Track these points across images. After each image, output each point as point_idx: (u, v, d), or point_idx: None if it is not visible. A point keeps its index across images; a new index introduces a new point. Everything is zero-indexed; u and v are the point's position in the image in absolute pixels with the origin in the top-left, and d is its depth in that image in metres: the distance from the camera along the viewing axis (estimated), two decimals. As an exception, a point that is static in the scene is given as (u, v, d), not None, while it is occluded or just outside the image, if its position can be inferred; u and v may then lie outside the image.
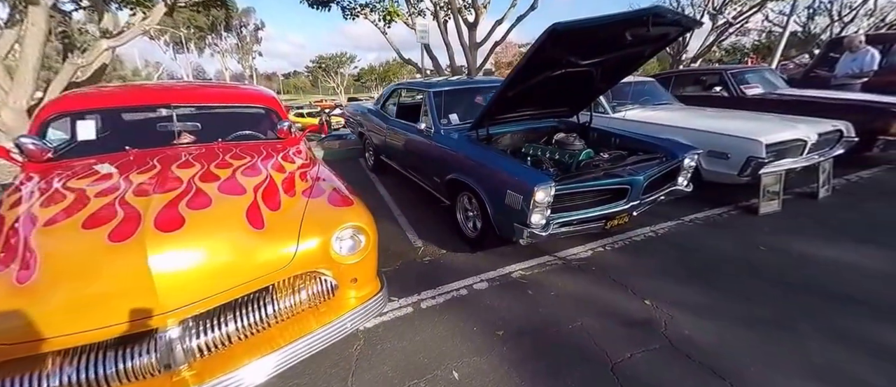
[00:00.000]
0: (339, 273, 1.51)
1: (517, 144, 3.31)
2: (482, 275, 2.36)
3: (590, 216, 2.31)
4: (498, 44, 10.13)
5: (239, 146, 2.10)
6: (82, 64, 7.52)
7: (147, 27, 8.12)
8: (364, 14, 9.95)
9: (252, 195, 1.46)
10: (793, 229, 2.90)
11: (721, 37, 14.18)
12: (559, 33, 1.96)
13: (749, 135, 3.14)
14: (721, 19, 13.70)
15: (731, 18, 13.43)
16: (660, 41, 2.58)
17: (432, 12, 10.39)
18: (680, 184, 2.80)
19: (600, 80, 3.02)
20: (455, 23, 9.52)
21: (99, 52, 7.63)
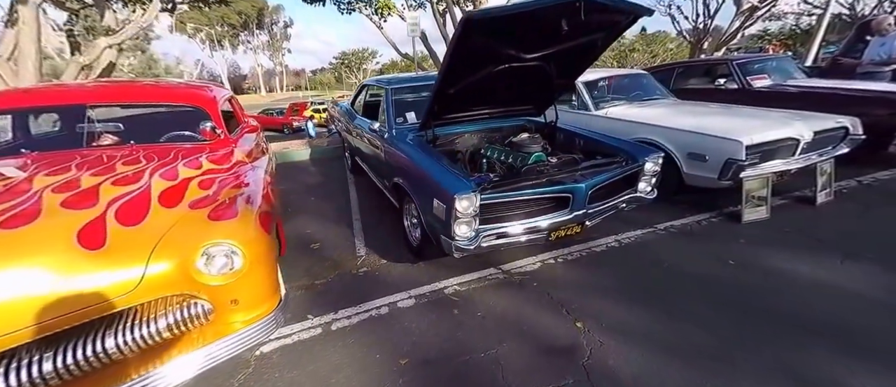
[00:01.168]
0: (215, 295, 1.42)
1: (477, 146, 3.17)
2: (413, 290, 2.24)
3: (527, 228, 2.15)
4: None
5: (150, 149, 2.06)
6: (85, 62, 7.81)
7: (143, 24, 8.34)
8: (358, 8, 9.91)
9: (102, 209, 1.38)
10: (774, 241, 2.63)
11: (747, 22, 13.32)
12: (475, 23, 1.80)
13: (728, 134, 2.88)
14: (746, 3, 12.87)
15: (756, 2, 12.59)
16: (612, 29, 2.37)
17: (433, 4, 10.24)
18: (642, 190, 2.59)
19: (558, 76, 2.84)
20: (451, 15, 9.34)
21: (98, 50, 7.91)
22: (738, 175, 2.84)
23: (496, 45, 2.16)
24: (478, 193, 1.92)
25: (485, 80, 2.57)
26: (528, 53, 2.37)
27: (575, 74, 2.87)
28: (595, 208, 2.30)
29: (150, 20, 8.21)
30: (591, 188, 2.18)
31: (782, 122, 3.09)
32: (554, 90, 3.01)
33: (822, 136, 3.11)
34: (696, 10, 14.29)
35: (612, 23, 2.28)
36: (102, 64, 8.38)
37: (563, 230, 2.28)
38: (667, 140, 3.31)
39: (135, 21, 8.18)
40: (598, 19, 2.18)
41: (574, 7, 1.87)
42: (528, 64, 2.49)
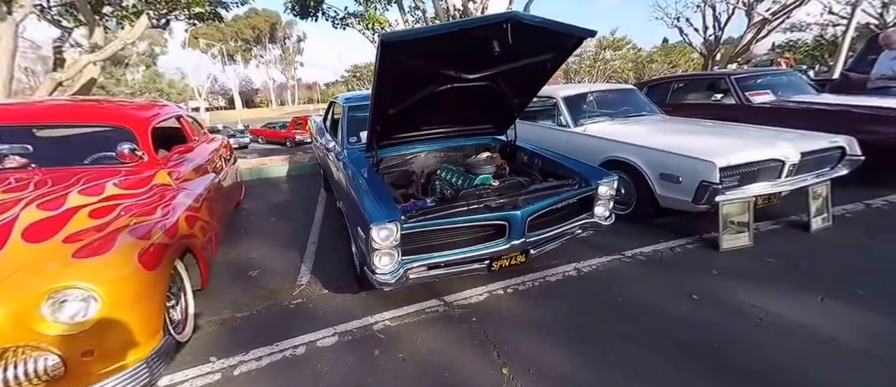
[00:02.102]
0: (67, 347, 1.30)
1: (435, 166, 3.12)
2: (340, 326, 2.12)
3: (461, 258, 2.05)
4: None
5: (51, 174, 2.02)
6: (61, 78, 8.12)
7: (127, 41, 8.69)
8: (351, 23, 10.17)
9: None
10: (751, 273, 2.45)
11: (759, 34, 13.23)
12: (391, 45, 1.78)
13: (701, 155, 2.76)
14: (757, 16, 12.83)
15: (769, 14, 12.53)
16: (560, 50, 2.33)
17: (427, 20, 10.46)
18: (599, 215, 2.48)
19: (514, 95, 2.80)
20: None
21: (79, 67, 8.23)
22: (712, 199, 2.71)
23: (428, 65, 2.13)
24: (399, 223, 1.84)
25: (435, 98, 2.54)
26: (470, 74, 2.33)
27: (529, 94, 2.82)
28: (538, 237, 2.19)
29: (134, 37, 8.55)
30: (530, 215, 2.08)
31: (765, 142, 2.95)
32: (513, 109, 2.96)
33: (812, 157, 2.96)
34: (704, 22, 14.30)
35: (555, 44, 2.23)
36: (82, 81, 8.71)
37: (505, 260, 2.18)
38: (640, 159, 3.20)
39: (120, 37, 8.52)
40: (537, 41, 2.15)
41: (502, 29, 1.84)
42: (475, 84, 2.46)
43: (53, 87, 8.11)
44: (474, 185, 2.43)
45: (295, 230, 3.75)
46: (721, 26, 14.51)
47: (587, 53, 37.82)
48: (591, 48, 37.09)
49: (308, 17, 9.89)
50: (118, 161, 2.20)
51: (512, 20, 1.79)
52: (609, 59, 35.61)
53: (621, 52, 34.88)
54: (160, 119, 2.79)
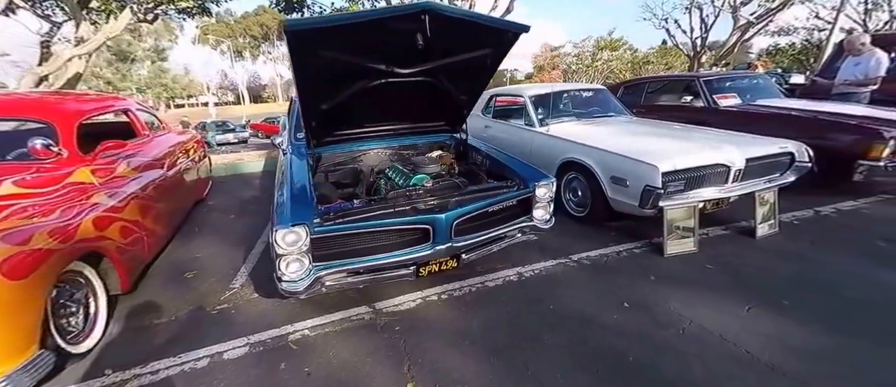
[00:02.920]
0: None
1: (385, 164, 3.02)
2: (255, 335, 2.00)
3: (383, 264, 1.95)
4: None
5: None
6: (43, 72, 7.92)
7: (110, 35, 8.48)
8: (336, 19, 9.99)
9: None
10: (688, 279, 2.38)
11: (744, 37, 13.16)
12: (296, 33, 1.66)
13: (646, 159, 2.66)
14: (742, 19, 12.75)
15: (753, 18, 12.46)
16: (498, 46, 2.22)
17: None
18: (538, 218, 2.39)
19: (460, 93, 2.70)
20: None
21: (62, 61, 8.03)
22: (657, 203, 2.63)
23: (352, 57, 2.01)
24: (308, 227, 1.74)
25: (375, 94, 2.44)
26: (403, 68, 2.23)
27: (474, 92, 2.72)
28: (468, 241, 2.10)
29: (117, 31, 8.34)
30: (456, 219, 1.98)
31: (713, 146, 2.87)
32: (462, 107, 2.86)
33: (759, 163, 2.88)
34: (690, 24, 14.21)
35: (490, 39, 2.13)
36: (67, 75, 8.50)
37: (435, 265, 2.09)
38: (593, 161, 3.11)
39: (103, 31, 8.32)
40: (468, 35, 2.05)
41: (421, 21, 1.73)
42: (413, 79, 2.35)
43: (35, 81, 7.91)
44: (410, 185, 2.33)
45: (251, 229, 3.63)
46: (707, 28, 14.44)
47: (585, 53, 37.73)
48: (589, 48, 37.03)
49: (293, 13, 9.70)
50: (31, 157, 2.07)
51: (429, 11, 1.68)
52: (606, 59, 35.56)
53: (618, 53, 34.80)
54: (95, 114, 2.66)
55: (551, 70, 42.80)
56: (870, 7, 16.74)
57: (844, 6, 14.78)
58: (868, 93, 4.79)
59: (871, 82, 4.68)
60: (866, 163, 3.30)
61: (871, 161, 3.28)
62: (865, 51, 4.74)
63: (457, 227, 2.03)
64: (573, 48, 39.83)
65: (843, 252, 2.66)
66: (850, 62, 4.94)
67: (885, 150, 3.24)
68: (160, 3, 10.34)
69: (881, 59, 4.58)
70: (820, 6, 17.22)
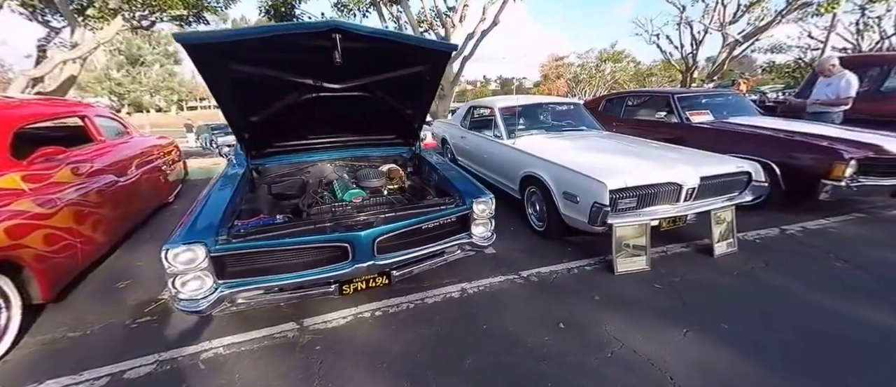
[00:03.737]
0: None
1: (333, 176, 2.96)
2: (168, 352, 1.88)
3: (296, 283, 1.84)
4: (467, 58, 9.88)
5: None
6: (35, 75, 7.96)
7: (102, 40, 8.55)
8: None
9: None
10: (633, 300, 2.29)
11: (733, 54, 13.21)
12: (193, 47, 1.62)
13: (595, 175, 2.60)
14: (730, 38, 12.82)
15: (740, 37, 12.51)
16: (431, 63, 2.18)
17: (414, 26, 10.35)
18: (478, 235, 2.31)
19: (406, 107, 2.65)
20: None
21: (52, 64, 8.06)
22: (605, 220, 2.56)
23: (268, 71, 1.96)
24: (206, 245, 1.63)
25: (314, 107, 2.40)
26: (333, 83, 2.18)
27: (420, 106, 2.67)
28: (396, 258, 2.01)
29: (108, 37, 8.42)
30: (378, 237, 1.90)
31: (666, 164, 2.80)
32: (412, 121, 2.82)
33: (713, 181, 2.81)
34: (680, 40, 14.29)
35: (419, 56, 2.09)
36: (61, 78, 8.54)
37: (360, 283, 2.00)
38: (549, 176, 3.05)
39: (95, 37, 8.39)
40: (394, 53, 2.01)
41: (332, 39, 1.68)
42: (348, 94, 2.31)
43: (26, 82, 7.94)
44: (342, 200, 2.27)
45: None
46: (697, 45, 14.51)
47: (589, 64, 38.08)
48: (592, 60, 37.41)
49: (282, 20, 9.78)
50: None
51: (339, 30, 1.65)
52: (609, 71, 35.86)
53: (621, 65, 35.08)
54: (36, 120, 2.62)
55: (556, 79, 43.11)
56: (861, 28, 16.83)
57: (835, 26, 14.90)
58: (840, 112, 4.76)
59: (841, 103, 4.65)
60: (829, 182, 3.23)
61: (833, 181, 3.21)
62: (836, 72, 4.72)
63: (382, 244, 1.95)
64: (577, 59, 40.26)
65: (796, 273, 2.57)
66: (822, 83, 4.92)
67: (846, 170, 3.18)
68: (153, 10, 10.46)
69: (851, 81, 4.56)
70: (813, 25, 17.31)
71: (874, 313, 2.10)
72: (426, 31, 10.65)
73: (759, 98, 7.88)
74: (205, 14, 12.15)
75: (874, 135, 3.57)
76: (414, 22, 9.22)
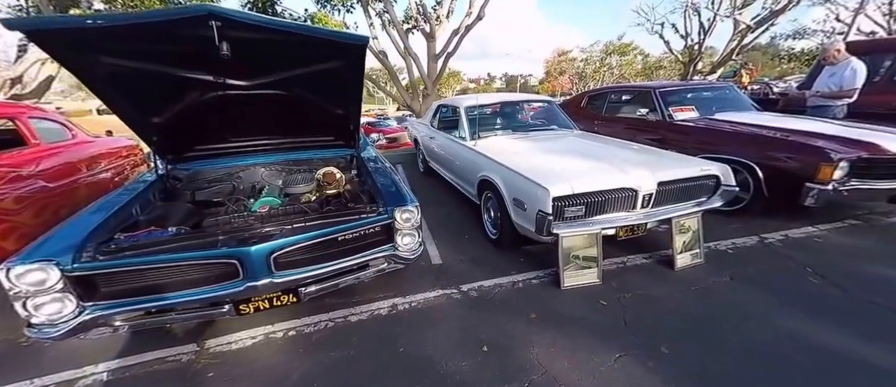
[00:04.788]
0: None
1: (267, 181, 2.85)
2: (47, 377, 1.80)
3: (180, 303, 1.71)
4: (450, 55, 9.72)
5: None
6: (11, 75, 8.04)
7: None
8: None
9: None
10: (569, 319, 2.13)
11: (743, 42, 12.79)
12: (30, 33, 1.49)
13: (541, 181, 2.44)
14: (742, 24, 12.41)
15: (752, 22, 12.10)
16: (346, 58, 2.03)
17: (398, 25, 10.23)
18: (404, 247, 2.15)
19: (334, 107, 2.52)
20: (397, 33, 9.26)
21: (27, 65, 8.14)
22: (550, 230, 2.40)
23: (150, 64, 1.83)
24: (57, 265, 1.50)
25: (240, 107, 2.29)
26: (239, 80, 2.06)
27: (349, 106, 2.53)
28: (301, 275, 1.88)
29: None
30: (273, 252, 1.78)
31: (622, 168, 2.62)
32: (347, 122, 2.68)
33: (675, 186, 2.63)
34: (686, 28, 13.87)
35: (333, 51, 1.94)
36: (39, 79, 8.63)
37: (262, 302, 1.89)
38: (501, 180, 2.90)
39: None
40: (298, 47, 1.87)
41: (209, 27, 1.56)
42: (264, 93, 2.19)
43: (2, 84, 8.03)
44: (252, 209, 2.15)
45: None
46: (706, 32, 14.07)
47: (593, 58, 37.49)
48: (597, 53, 36.77)
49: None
50: None
51: (213, 16, 1.51)
52: (615, 65, 35.29)
53: (628, 58, 34.49)
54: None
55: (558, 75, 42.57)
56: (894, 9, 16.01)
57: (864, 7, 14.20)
58: (844, 106, 4.48)
59: (845, 95, 4.36)
60: (815, 186, 3.01)
61: (818, 184, 2.99)
62: (841, 59, 4.42)
63: (283, 259, 1.83)
64: (581, 53, 39.68)
65: (761, 290, 2.38)
66: (825, 72, 4.62)
67: (833, 172, 2.95)
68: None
69: (856, 69, 4.26)
70: (841, 7, 16.55)
71: (837, 339, 1.91)
72: (412, 29, 10.50)
73: (762, 89, 7.56)
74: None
75: (873, 132, 3.32)
76: (397, 19, 9.08)
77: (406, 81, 11.51)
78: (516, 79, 67.15)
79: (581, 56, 39.11)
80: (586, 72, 35.89)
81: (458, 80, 61.43)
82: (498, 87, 77.97)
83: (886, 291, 2.31)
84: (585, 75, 36.37)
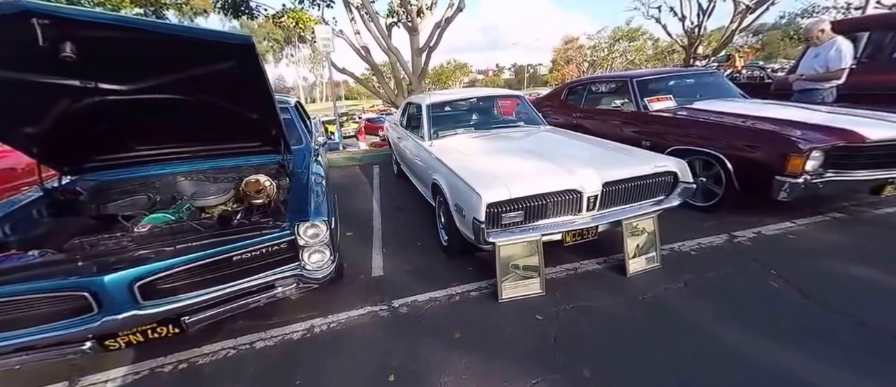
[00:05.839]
0: None
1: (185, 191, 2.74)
2: None
3: (17, 345, 1.56)
4: (432, 49, 9.54)
5: None
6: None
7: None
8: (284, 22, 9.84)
9: None
10: (497, 337, 1.99)
11: (742, 23, 12.45)
12: None
13: (476, 185, 2.31)
14: (741, 5, 12.07)
15: (751, 2, 11.75)
16: (235, 57, 1.87)
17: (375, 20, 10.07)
18: (311, 265, 2.00)
19: (246, 111, 2.39)
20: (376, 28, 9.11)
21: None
22: (486, 238, 2.27)
23: None
24: None
25: (138, 112, 2.16)
26: (115, 84, 1.93)
27: (263, 108, 2.37)
28: (178, 303, 1.73)
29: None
30: (138, 279, 1.62)
31: (567, 168, 2.47)
32: (266, 126, 2.52)
33: (624, 186, 2.48)
34: (682, 10, 13.51)
35: (207, 50, 1.78)
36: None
37: (133, 336, 1.73)
38: (445, 184, 2.78)
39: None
40: (167, 46, 1.72)
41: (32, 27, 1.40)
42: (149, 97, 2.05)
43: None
44: (139, 224, 2.04)
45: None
46: (706, 14, 13.69)
47: (601, 45, 37.00)
48: (605, 40, 36.22)
49: (240, 16, 9.62)
50: None
51: (32, 13, 1.34)
52: (623, 50, 34.83)
53: (637, 44, 33.97)
54: None
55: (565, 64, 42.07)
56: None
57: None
58: (832, 89, 4.28)
59: (831, 76, 4.16)
60: (785, 179, 2.85)
61: (789, 177, 2.83)
62: (825, 39, 4.22)
63: (162, 285, 1.70)
64: (587, 40, 39.17)
65: (716, 298, 2.23)
66: (810, 54, 4.43)
67: (803, 164, 2.78)
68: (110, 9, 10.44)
69: (842, 49, 4.05)
70: None
71: (783, 357, 1.75)
72: (395, 24, 10.32)
73: (758, 74, 7.29)
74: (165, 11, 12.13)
75: (851, 117, 3.14)
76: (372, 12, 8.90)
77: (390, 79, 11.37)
78: (524, 69, 66.73)
79: (588, 43, 38.63)
80: (595, 59, 35.48)
81: (465, 71, 61.00)
82: (506, 78, 77.51)
83: (851, 296, 2.15)
84: (594, 63, 35.94)
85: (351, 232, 3.66)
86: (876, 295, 2.15)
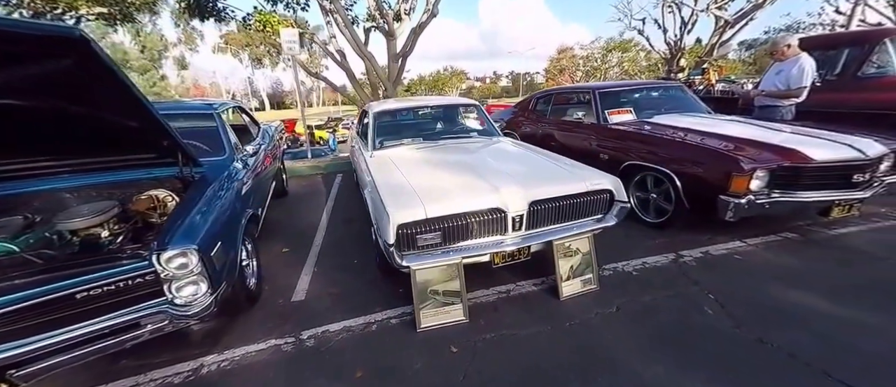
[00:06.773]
0: None
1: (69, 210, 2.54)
2: None
3: None
4: (407, 55, 9.49)
5: None
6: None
7: None
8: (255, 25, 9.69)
9: None
10: (400, 373, 1.85)
11: (722, 37, 12.69)
12: None
13: (389, 204, 2.18)
14: (721, 20, 12.32)
15: (730, 18, 12.00)
16: (81, 56, 1.67)
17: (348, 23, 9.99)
18: (182, 299, 1.80)
19: (130, 119, 2.18)
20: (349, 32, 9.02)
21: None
22: (399, 262, 2.14)
23: None
24: None
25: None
26: None
27: (140, 114, 2.15)
28: (23, 349, 1.52)
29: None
30: None
31: (491, 185, 2.36)
32: (156, 134, 2.30)
33: (554, 205, 2.37)
34: (664, 24, 13.77)
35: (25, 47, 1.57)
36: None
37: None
38: (369, 201, 2.65)
39: None
40: None
41: None
42: None
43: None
44: None
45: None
46: (685, 27, 13.96)
47: (594, 55, 37.56)
48: (598, 50, 36.83)
49: (206, 18, 9.42)
50: None
51: None
52: (615, 62, 35.43)
53: (630, 55, 34.56)
54: None
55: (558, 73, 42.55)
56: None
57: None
58: (791, 107, 4.29)
59: (792, 94, 4.16)
60: (729, 199, 2.78)
61: (733, 197, 2.77)
62: (790, 55, 4.23)
63: None
64: (581, 50, 39.86)
65: (643, 323, 2.13)
66: (773, 70, 4.44)
67: (747, 184, 2.73)
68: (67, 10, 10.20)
69: (804, 66, 4.05)
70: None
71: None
72: (372, 28, 10.28)
73: (729, 88, 7.38)
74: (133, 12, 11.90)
75: (800, 137, 3.11)
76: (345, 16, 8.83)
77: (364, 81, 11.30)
78: (521, 77, 67.59)
79: (582, 53, 39.35)
80: (588, 69, 36.07)
81: (461, 78, 61.39)
82: (503, 85, 78.57)
83: (785, 325, 2.07)
84: (588, 73, 36.53)
85: (287, 248, 3.50)
86: (812, 323, 2.06)
